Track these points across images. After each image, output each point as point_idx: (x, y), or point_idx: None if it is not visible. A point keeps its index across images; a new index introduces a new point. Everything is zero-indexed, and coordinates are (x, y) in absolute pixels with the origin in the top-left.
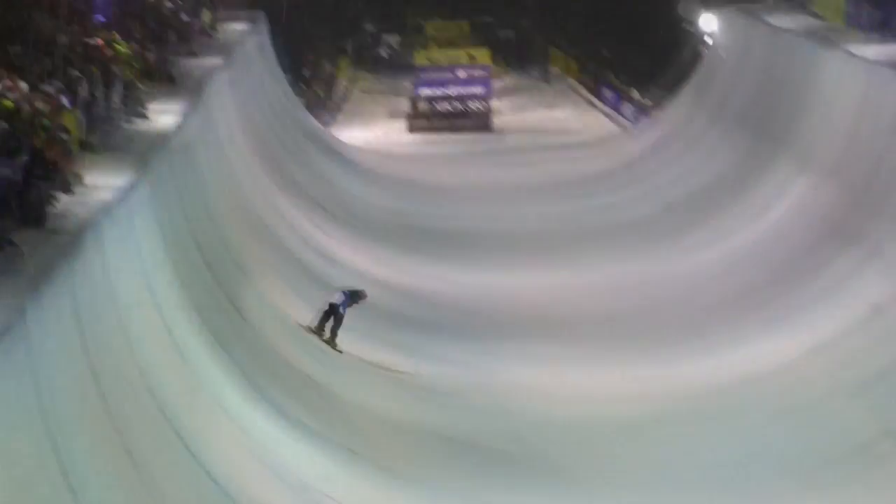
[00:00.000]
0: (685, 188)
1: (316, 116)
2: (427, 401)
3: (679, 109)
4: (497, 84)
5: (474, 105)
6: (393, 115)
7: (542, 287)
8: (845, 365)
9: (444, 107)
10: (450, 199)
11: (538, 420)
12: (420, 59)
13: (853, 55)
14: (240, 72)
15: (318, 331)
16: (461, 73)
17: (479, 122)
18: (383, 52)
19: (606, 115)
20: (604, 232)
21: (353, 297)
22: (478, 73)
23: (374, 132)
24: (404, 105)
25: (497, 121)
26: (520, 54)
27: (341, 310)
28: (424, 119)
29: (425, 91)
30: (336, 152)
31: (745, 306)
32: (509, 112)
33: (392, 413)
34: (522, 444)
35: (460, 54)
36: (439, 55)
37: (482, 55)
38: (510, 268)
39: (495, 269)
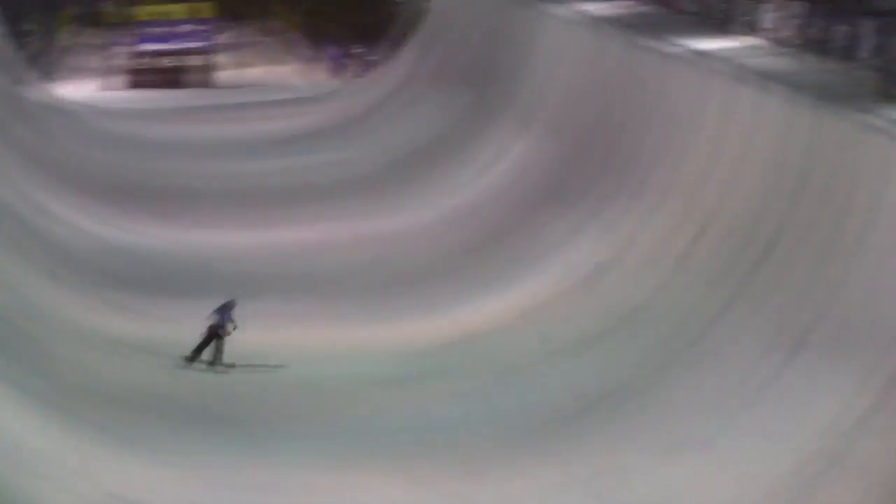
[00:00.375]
0: (408, 145)
1: (35, 72)
2: (145, 361)
3: (402, 66)
4: (219, 39)
5: (195, 60)
6: (113, 69)
7: (267, 244)
8: (567, 324)
9: (165, 61)
10: (171, 156)
11: (262, 379)
12: (141, 13)
13: (574, 11)
14: None
15: (195, 356)
16: (182, 28)
17: (201, 78)
18: (106, 6)
19: (329, 71)
20: (326, 189)
21: (226, 308)
22: (199, 27)
23: (93, 87)
24: (125, 60)
25: (219, 76)
26: (242, 8)
27: (225, 325)
28: (145, 74)
29: (146, 45)
30: (54, 108)
31: (466, 264)
32: (231, 67)
33: (110, 374)
34: (238, 403)
35: (182, 8)
36: (159, 8)
37: (204, 9)
38: (236, 225)
39: (221, 227)
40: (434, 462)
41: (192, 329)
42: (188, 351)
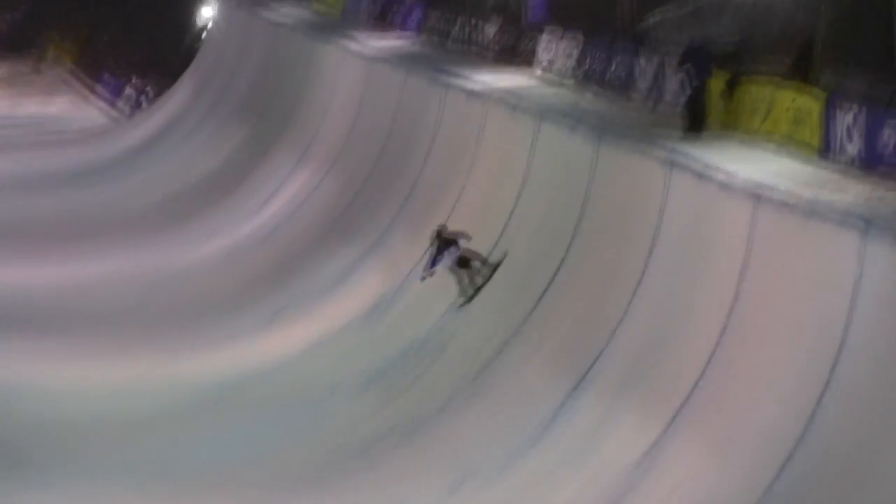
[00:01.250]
0: (186, 179)
1: None
2: None
3: (179, 98)
4: None
5: None
6: None
7: (39, 280)
8: (348, 359)
9: None
10: None
11: (32, 417)
12: None
13: (351, 47)
14: None
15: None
16: None
17: None
18: None
19: (107, 103)
20: (104, 225)
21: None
22: None
23: None
24: None
25: None
26: (15, 42)
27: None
28: None
29: None
30: None
31: (249, 298)
32: (6, 100)
33: None
34: (16, 440)
35: None
36: None
37: None
38: (7, 262)
39: None
40: (212, 499)
41: None
42: None
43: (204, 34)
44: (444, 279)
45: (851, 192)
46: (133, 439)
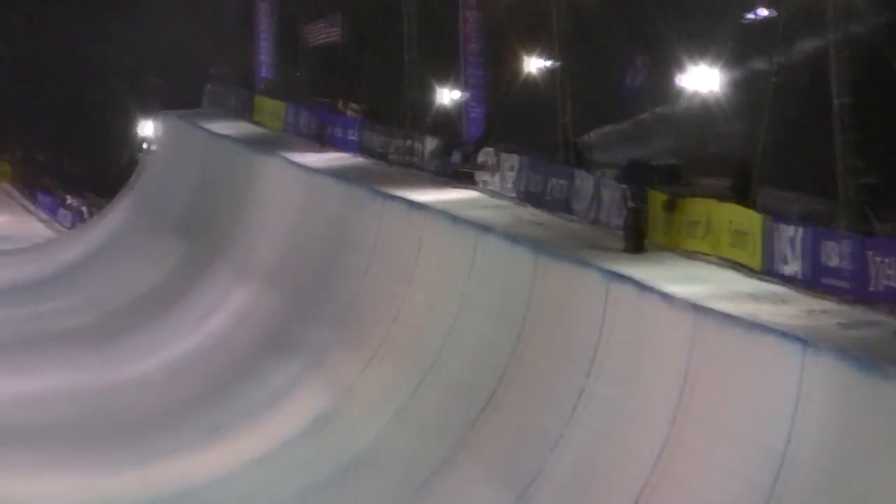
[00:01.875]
0: (124, 296)
1: None
2: None
3: (118, 214)
4: None
5: None
6: None
7: None
8: (286, 476)
9: None
10: None
11: None
12: None
13: (291, 161)
14: None
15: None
16: None
17: None
18: None
19: (42, 220)
20: (41, 340)
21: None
22: None
23: None
24: None
25: None
26: None
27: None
28: None
29: None
30: None
31: (185, 415)
32: None
33: None
34: None
35: None
36: None
37: None
38: None
39: None
40: None
41: None
42: None
43: (143, 148)
44: (384, 396)
45: (793, 305)
46: None
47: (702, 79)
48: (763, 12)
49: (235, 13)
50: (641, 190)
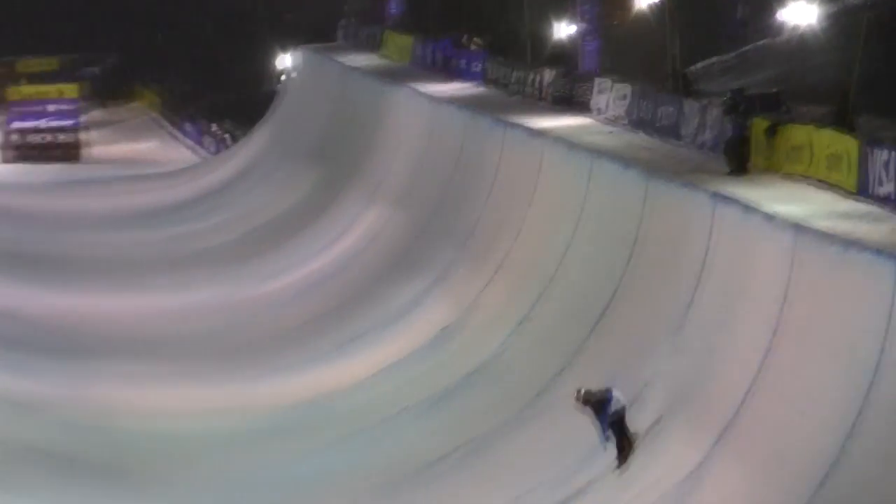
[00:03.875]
0: (264, 216)
1: None
2: (21, 415)
3: (258, 142)
4: (85, 118)
5: (63, 137)
6: None
7: (136, 308)
8: (418, 382)
9: (35, 138)
10: (44, 227)
11: (132, 433)
12: (12, 94)
13: (419, 91)
14: None
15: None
16: (51, 107)
17: (69, 154)
18: None
19: (189, 147)
20: (187, 258)
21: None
22: (67, 106)
23: None
24: None
25: (86, 152)
26: (108, 89)
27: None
28: (16, 150)
29: (16, 124)
30: None
31: (323, 327)
32: (98, 144)
33: None
34: (111, 456)
35: (50, 89)
36: (30, 90)
37: (71, 90)
38: (105, 291)
39: (91, 292)
40: None
41: (63, 386)
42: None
43: (281, 81)
44: (505, 309)
45: (887, 224)
46: (215, 457)
47: (801, 12)
48: None
49: None
50: (745, 117)
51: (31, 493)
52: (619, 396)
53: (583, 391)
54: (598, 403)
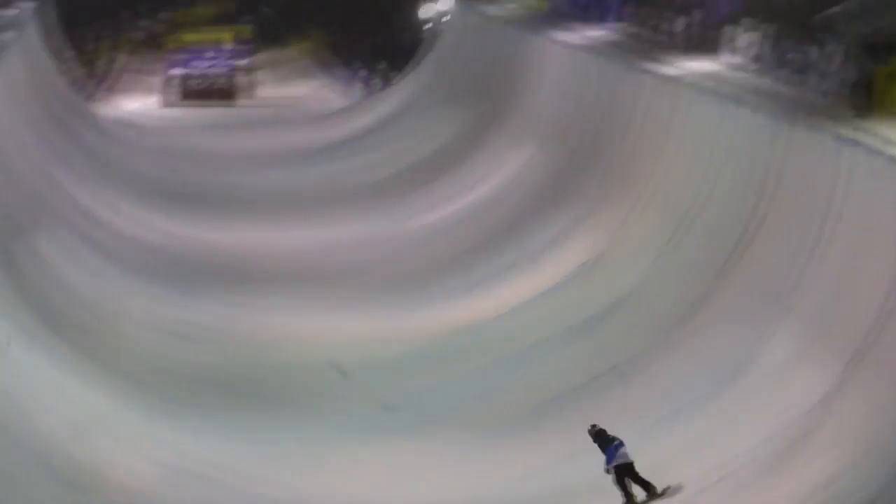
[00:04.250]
0: (419, 154)
1: (81, 92)
2: (189, 345)
3: (414, 84)
4: (245, 61)
5: (222, 81)
6: (151, 90)
7: (295, 243)
8: (565, 310)
9: (195, 83)
10: (208, 165)
11: (290, 362)
12: (173, 41)
13: (559, 39)
14: (8, 50)
15: (632, 500)
16: (210, 53)
17: (227, 96)
18: (142, 34)
19: (343, 91)
20: (344, 194)
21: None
22: (224, 52)
23: (134, 106)
24: (161, 81)
25: (246, 95)
26: (268, 34)
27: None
28: (179, 93)
29: (179, 69)
30: (100, 124)
31: (474, 258)
32: (259, 86)
33: (156, 357)
34: (272, 381)
35: (209, 36)
36: (191, 37)
37: (245, 32)
38: (265, 226)
39: (251, 227)
40: (452, 434)
41: (227, 317)
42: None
43: (429, 29)
44: (647, 242)
45: None
46: (371, 383)
47: None
48: None
49: None
50: (872, 61)
51: (198, 416)
52: (628, 453)
53: (596, 428)
54: (603, 442)
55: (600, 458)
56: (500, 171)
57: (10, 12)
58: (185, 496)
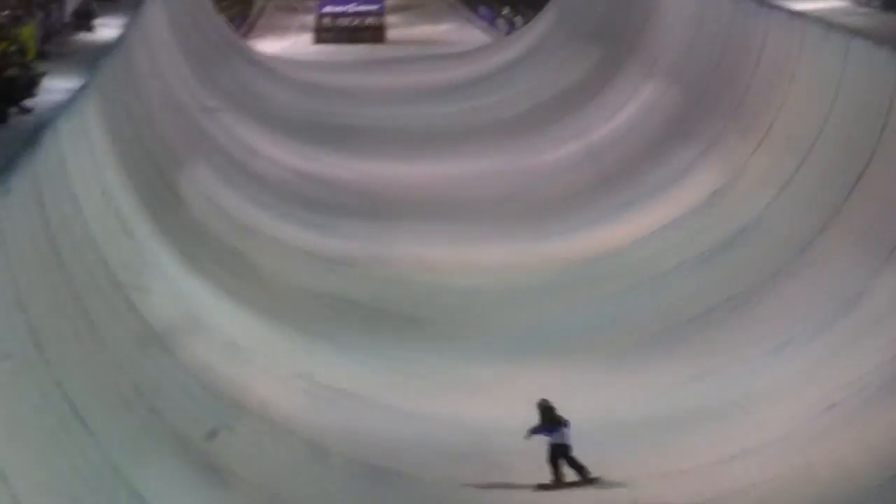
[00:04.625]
0: (549, 91)
1: (236, 30)
2: (336, 271)
3: (544, 25)
4: (389, 2)
5: (370, 20)
6: (301, 28)
7: (432, 175)
8: (689, 241)
9: (344, 21)
10: (351, 101)
11: (431, 287)
12: None
13: None
14: None
15: (560, 479)
16: None
17: (375, 35)
18: None
19: (482, 29)
20: (482, 128)
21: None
22: None
23: (285, 43)
24: (311, 20)
25: (390, 34)
26: None
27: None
28: (328, 32)
29: (328, 8)
30: (253, 60)
31: (603, 191)
32: (400, 26)
33: (306, 282)
34: (415, 307)
35: None
36: None
37: None
38: (404, 159)
39: (392, 160)
40: (583, 357)
41: (371, 244)
42: (363, 262)
43: None
44: (770, 173)
45: None
46: (505, 309)
47: None
48: None
49: None
50: None
51: (343, 339)
52: (567, 434)
53: (546, 403)
54: (549, 419)
55: (729, 379)
56: (633, 104)
57: None
58: (330, 410)
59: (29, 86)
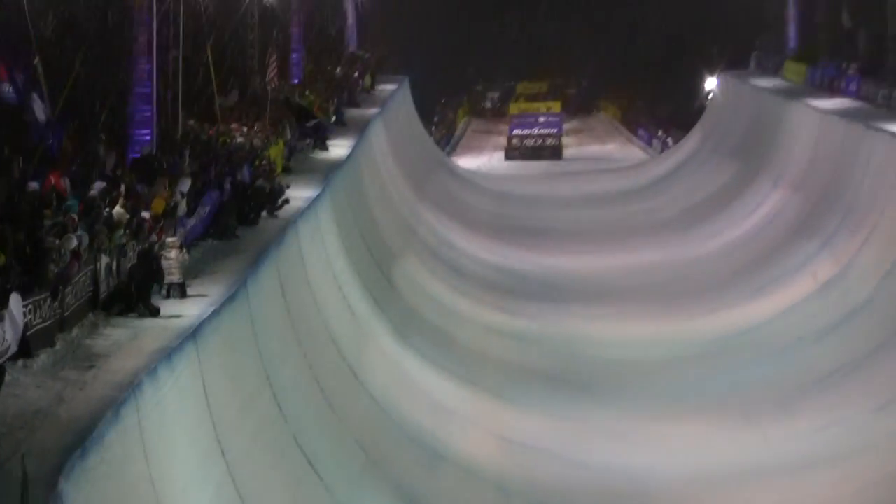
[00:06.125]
0: (696, 198)
1: (442, 148)
2: (520, 345)
3: (691, 144)
4: (565, 126)
5: (550, 141)
6: (495, 147)
7: (598, 267)
8: (808, 320)
9: (530, 142)
10: (534, 205)
11: (596, 358)
12: (513, 108)
13: (809, 105)
14: (390, 117)
15: None
16: (541, 118)
17: (554, 153)
18: (488, 104)
19: (641, 148)
20: (640, 228)
21: None
22: (552, 118)
23: (482, 160)
24: (503, 141)
25: (566, 151)
26: (581, 104)
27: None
28: (516, 150)
29: (517, 131)
30: (455, 173)
31: (738, 280)
32: (575, 146)
33: (497, 354)
34: (585, 374)
35: (540, 105)
36: (526, 105)
37: (556, 105)
38: (577, 253)
39: (566, 254)
40: (726, 413)
41: (549, 323)
42: (544, 339)
43: (709, 97)
44: (875, 264)
45: None
46: (662, 375)
47: None
48: None
49: None
50: None
51: (526, 401)
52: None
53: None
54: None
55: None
56: (763, 208)
57: (388, 86)
58: (515, 460)
59: (276, 195)
